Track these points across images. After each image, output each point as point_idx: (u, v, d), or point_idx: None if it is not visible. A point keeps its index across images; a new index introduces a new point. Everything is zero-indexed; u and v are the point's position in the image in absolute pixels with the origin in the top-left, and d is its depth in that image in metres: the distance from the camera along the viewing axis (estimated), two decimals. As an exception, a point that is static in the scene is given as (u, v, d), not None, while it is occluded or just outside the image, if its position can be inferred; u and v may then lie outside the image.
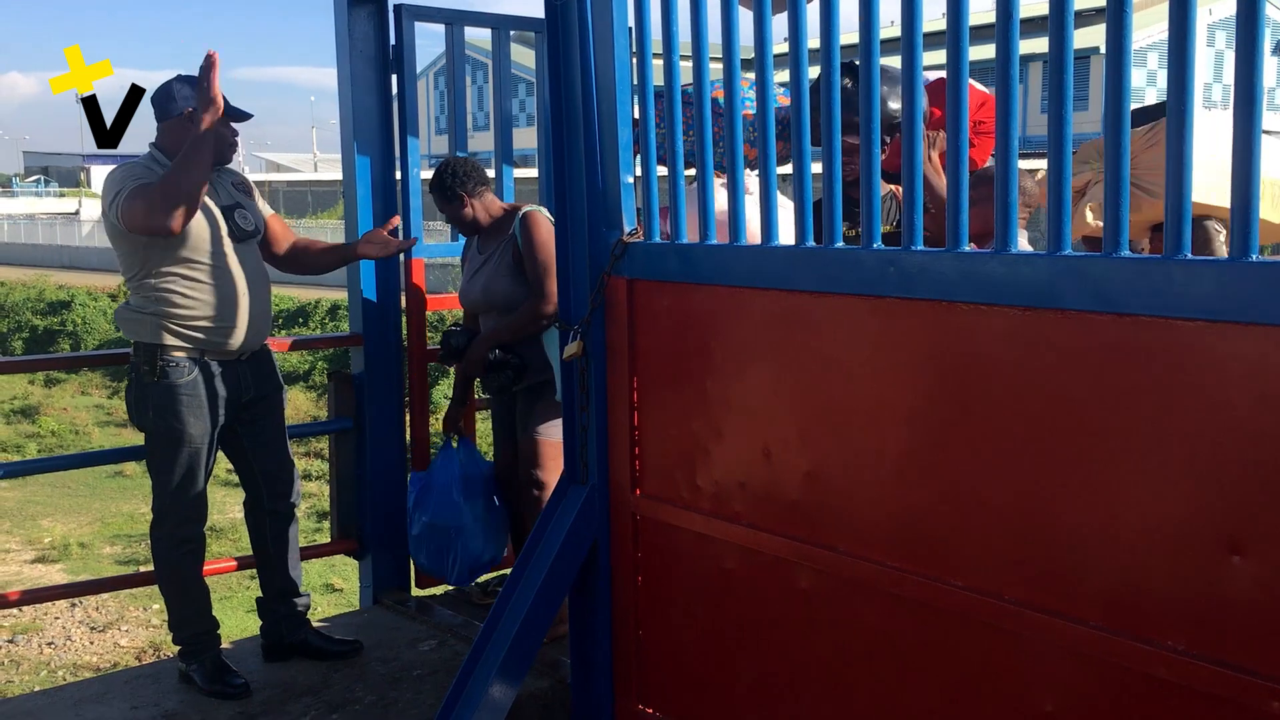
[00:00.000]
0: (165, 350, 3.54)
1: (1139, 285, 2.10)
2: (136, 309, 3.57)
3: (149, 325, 3.54)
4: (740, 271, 2.86)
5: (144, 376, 3.55)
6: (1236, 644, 2.04)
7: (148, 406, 3.58)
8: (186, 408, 3.57)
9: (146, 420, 3.60)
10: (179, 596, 3.73)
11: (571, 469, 3.32)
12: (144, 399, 3.58)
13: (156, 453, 3.62)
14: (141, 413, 3.61)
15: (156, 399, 3.56)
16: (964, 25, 2.33)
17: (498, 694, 3.14)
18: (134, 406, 3.63)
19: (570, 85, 3.16)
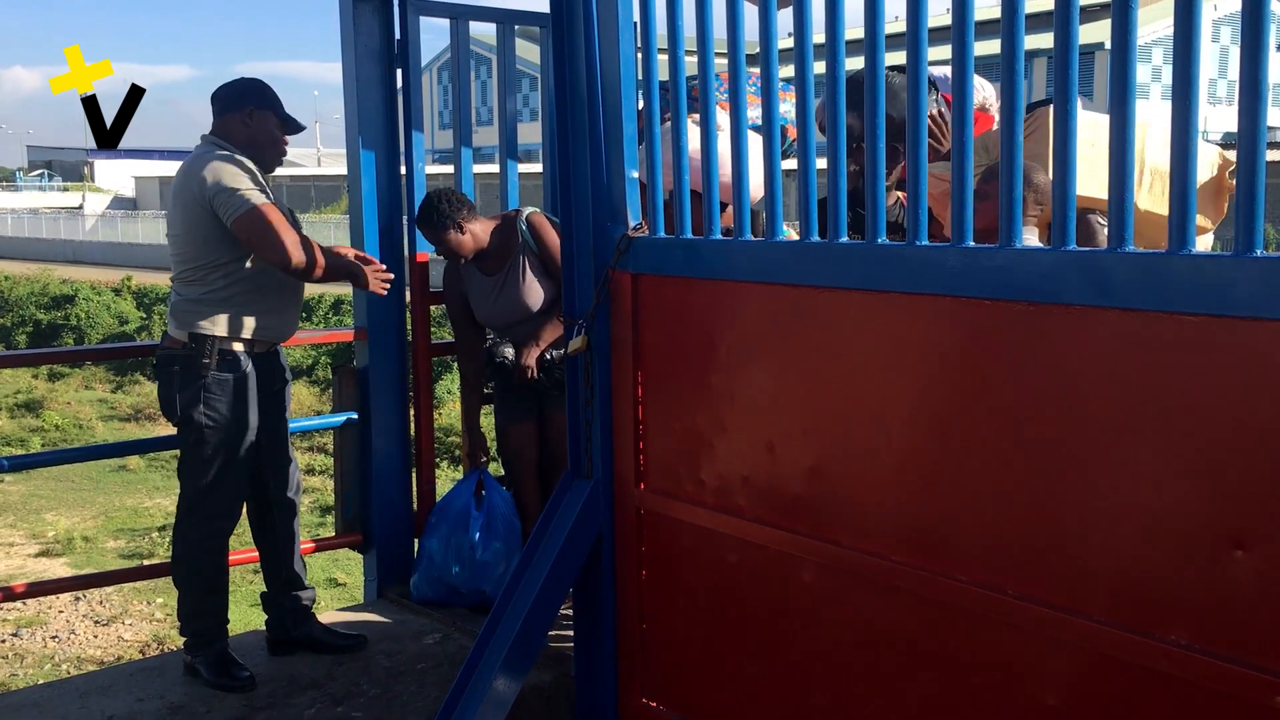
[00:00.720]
0: (224, 341, 3.56)
1: (1142, 280, 2.10)
2: (198, 300, 3.56)
3: (210, 316, 3.55)
4: (745, 266, 2.86)
5: (201, 369, 3.54)
6: (1239, 638, 2.05)
7: (198, 397, 3.55)
8: (240, 399, 3.59)
9: (197, 413, 3.55)
10: (200, 587, 3.71)
11: (576, 463, 3.33)
12: (194, 390, 3.55)
13: (200, 443, 3.59)
14: (189, 403, 3.56)
15: (210, 390, 3.55)
16: (969, 20, 2.34)
17: (502, 687, 3.15)
18: (180, 397, 3.57)
19: (575, 80, 3.16)
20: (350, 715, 3.47)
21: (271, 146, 3.64)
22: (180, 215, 3.56)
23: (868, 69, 2.52)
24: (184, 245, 3.58)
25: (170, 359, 3.60)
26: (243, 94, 3.62)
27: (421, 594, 4.21)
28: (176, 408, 3.60)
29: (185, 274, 3.59)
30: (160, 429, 23.01)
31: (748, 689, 3.01)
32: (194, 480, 3.64)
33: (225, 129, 3.63)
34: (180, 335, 3.58)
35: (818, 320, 2.71)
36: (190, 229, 3.54)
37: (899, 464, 2.57)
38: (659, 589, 3.23)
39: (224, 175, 3.48)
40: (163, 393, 3.65)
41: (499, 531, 4.13)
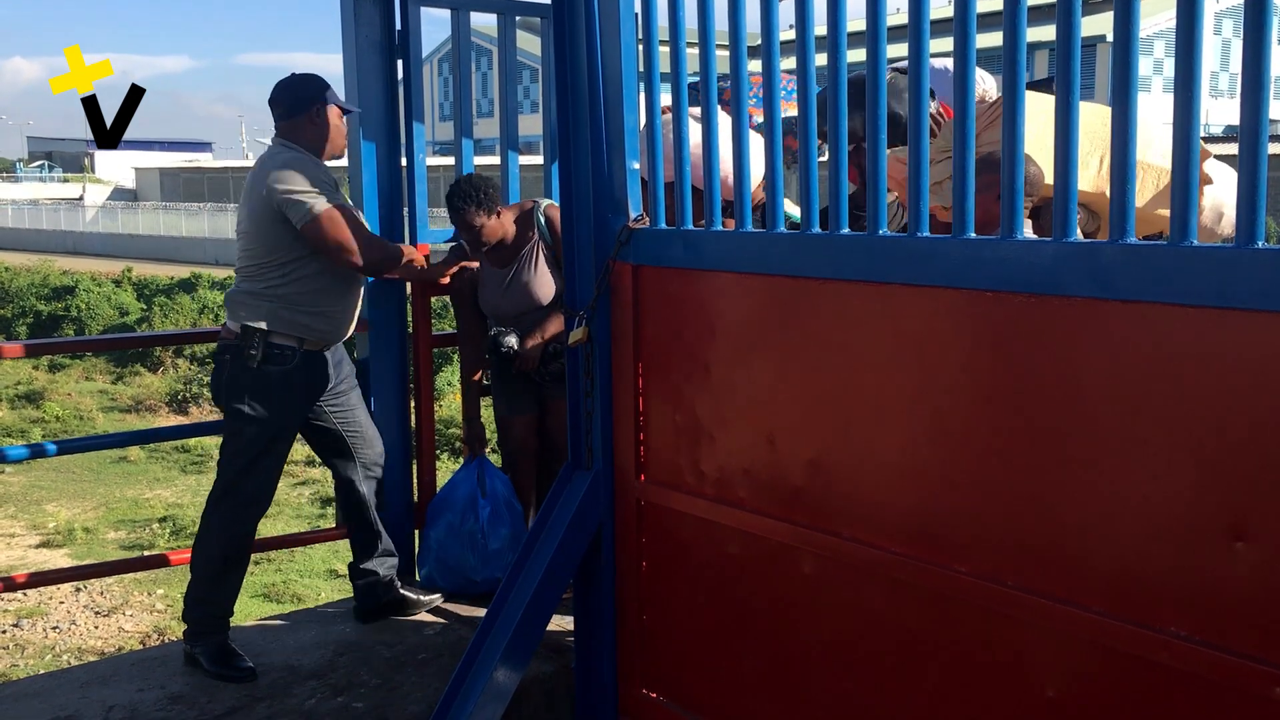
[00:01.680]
0: (274, 335, 3.63)
1: (1143, 272, 2.10)
2: (254, 294, 3.64)
3: (264, 311, 3.63)
4: (746, 257, 2.86)
5: (248, 360, 3.62)
6: (1239, 630, 2.05)
7: (244, 389, 3.63)
8: (285, 394, 3.67)
9: (241, 401, 3.63)
10: (216, 575, 3.74)
11: (576, 454, 3.33)
12: (242, 381, 3.64)
13: (243, 433, 3.66)
14: (235, 394, 3.65)
15: (258, 383, 3.63)
16: (971, 12, 2.33)
17: (502, 678, 3.16)
18: (228, 387, 3.67)
19: (576, 71, 3.16)
20: (351, 705, 3.48)
21: (339, 138, 3.77)
22: (248, 213, 3.67)
23: (869, 62, 2.51)
24: (249, 242, 3.69)
25: (223, 348, 3.70)
26: (306, 96, 3.70)
27: (434, 584, 4.24)
28: (223, 396, 3.71)
29: (247, 269, 3.70)
30: (161, 420, 23.08)
31: (747, 680, 3.02)
32: (230, 468, 3.71)
33: (294, 131, 3.71)
34: (234, 326, 3.67)
35: (819, 312, 2.71)
36: (257, 227, 3.65)
37: (899, 456, 2.57)
38: (659, 580, 3.24)
39: (294, 180, 3.58)
40: (213, 380, 3.77)
41: (505, 518, 4.16)
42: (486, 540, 4.13)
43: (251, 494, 3.72)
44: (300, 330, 3.67)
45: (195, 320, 29.20)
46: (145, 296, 32.05)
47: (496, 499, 4.16)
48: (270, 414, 3.65)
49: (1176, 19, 2.06)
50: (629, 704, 3.37)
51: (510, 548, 4.11)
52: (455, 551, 4.17)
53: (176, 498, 18.58)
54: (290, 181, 3.57)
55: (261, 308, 3.63)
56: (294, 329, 3.66)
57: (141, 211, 48.82)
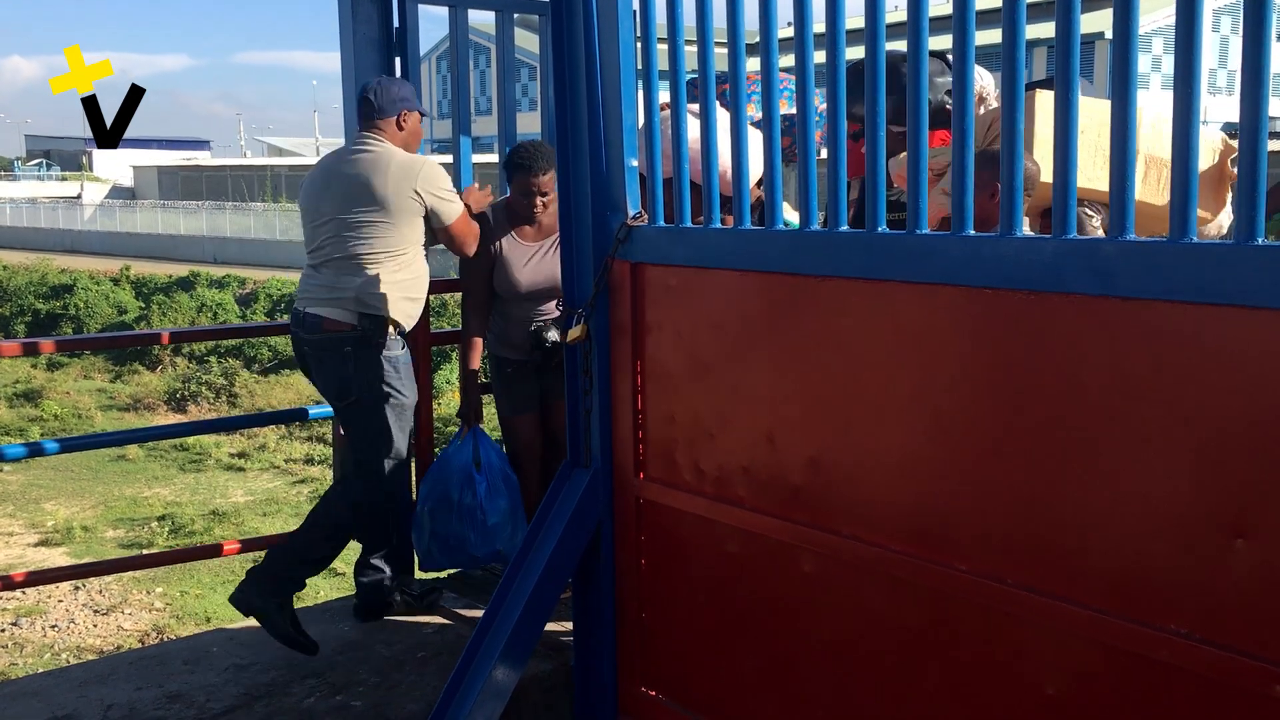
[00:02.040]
0: (392, 323, 3.80)
1: (1143, 269, 2.10)
2: (376, 283, 3.77)
3: (386, 299, 3.78)
4: (745, 255, 2.86)
5: (374, 349, 3.78)
6: (1239, 628, 2.05)
7: (376, 375, 3.79)
8: (408, 376, 3.90)
9: (372, 388, 3.79)
10: (331, 543, 3.88)
11: (575, 453, 3.33)
12: (371, 368, 3.78)
13: (383, 419, 3.82)
14: (368, 382, 3.79)
15: (387, 370, 3.81)
16: (970, 9, 2.33)
17: (501, 677, 3.16)
18: (356, 378, 3.78)
19: (574, 69, 3.15)
20: (349, 704, 3.48)
21: (416, 142, 3.94)
22: (374, 202, 3.74)
23: (868, 58, 2.51)
24: (366, 232, 3.75)
25: (340, 340, 3.78)
26: (400, 97, 3.87)
27: (433, 563, 4.16)
28: (352, 386, 3.80)
29: (364, 259, 3.76)
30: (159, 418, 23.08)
31: (747, 678, 3.01)
32: (368, 450, 3.85)
33: (385, 130, 3.85)
34: (347, 318, 3.76)
35: (818, 309, 2.70)
36: (391, 217, 3.75)
37: (899, 454, 2.57)
38: (658, 578, 3.24)
39: (442, 181, 3.82)
40: (333, 372, 3.81)
41: (502, 490, 4.11)
42: (485, 515, 4.09)
43: (402, 472, 3.93)
44: (405, 316, 3.86)
45: (194, 319, 29.19)
46: (143, 295, 32.04)
47: (493, 471, 4.11)
48: (404, 393, 3.86)
49: (1175, 16, 2.05)
50: (628, 702, 3.37)
51: (509, 520, 4.07)
52: (454, 527, 4.10)
53: (175, 496, 18.59)
54: (440, 182, 3.80)
55: (384, 296, 3.77)
56: (403, 315, 3.85)
57: (140, 210, 48.78)
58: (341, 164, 3.85)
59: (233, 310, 29.98)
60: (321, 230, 3.82)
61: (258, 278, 32.32)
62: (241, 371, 24.62)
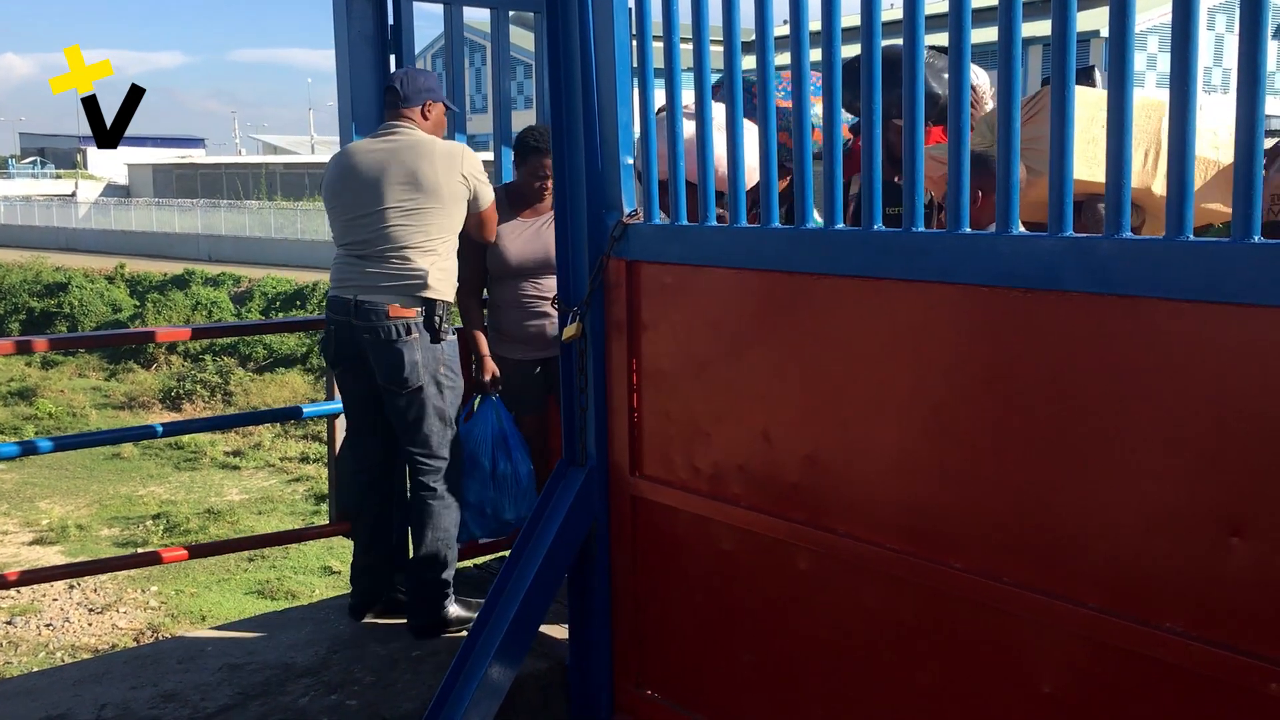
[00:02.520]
0: (447, 306, 3.86)
1: (1140, 267, 2.10)
2: (433, 269, 3.79)
3: (444, 286, 3.83)
4: (740, 253, 2.85)
5: (440, 334, 3.81)
6: (1236, 625, 2.05)
7: (441, 361, 3.82)
8: (456, 360, 3.91)
9: (440, 373, 3.81)
10: (454, 540, 3.92)
11: (570, 451, 3.33)
12: (435, 354, 3.81)
13: (445, 403, 3.84)
14: (432, 367, 3.81)
15: (449, 354, 3.85)
16: (966, 7, 2.33)
17: (496, 675, 3.15)
18: (423, 363, 3.78)
19: (569, 67, 3.15)
20: (345, 703, 3.47)
21: (441, 131, 3.98)
22: (425, 188, 3.76)
23: (864, 56, 2.51)
24: (415, 219, 3.77)
25: (405, 328, 3.77)
26: (424, 88, 3.89)
27: (465, 533, 4.17)
28: (420, 374, 3.79)
29: (420, 247, 3.77)
30: (154, 416, 23.05)
31: (742, 677, 3.01)
32: (441, 439, 3.86)
33: (412, 119, 3.88)
34: (408, 304, 3.76)
35: (814, 307, 2.70)
36: (443, 203, 3.79)
37: (895, 452, 2.57)
38: (654, 577, 3.23)
39: (480, 166, 3.86)
40: (402, 361, 3.77)
41: (524, 455, 4.14)
42: (520, 480, 4.12)
43: (456, 455, 3.91)
44: (454, 297, 3.94)
45: (189, 317, 29.15)
46: (138, 293, 31.99)
47: (515, 437, 4.15)
48: (459, 376, 3.89)
49: (1171, 14, 2.05)
50: (624, 701, 3.37)
51: (533, 484, 4.10)
52: (489, 494, 4.12)
53: (170, 494, 18.57)
54: (479, 167, 3.84)
55: (443, 281, 3.82)
56: (453, 296, 3.92)
57: (134, 208, 48.69)
58: (378, 153, 3.81)
59: (228, 308, 29.95)
60: (367, 220, 3.77)
61: (253, 276, 32.28)
62: (236, 370, 24.60)
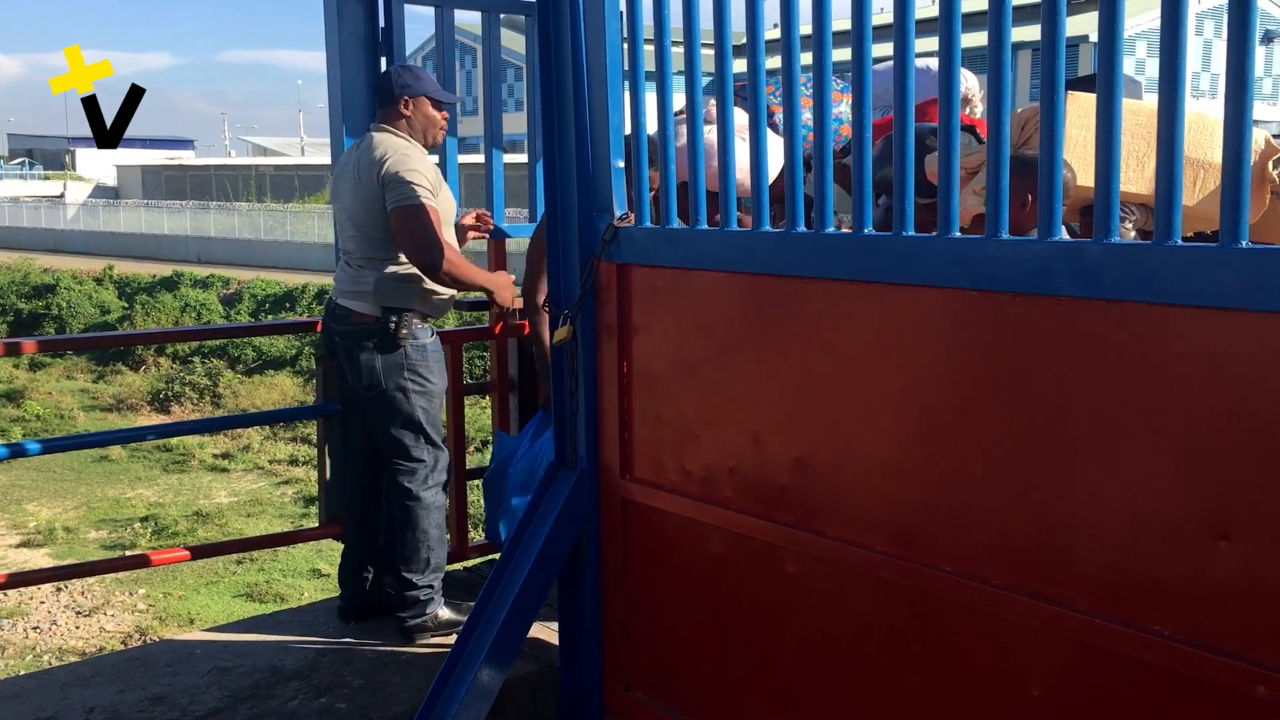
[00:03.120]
0: (413, 314, 3.81)
1: (1128, 271, 2.11)
2: (392, 275, 3.77)
3: (405, 291, 3.78)
4: (730, 256, 2.86)
5: (399, 340, 3.78)
6: (1223, 628, 2.06)
7: (402, 367, 3.80)
8: (437, 364, 3.88)
9: (402, 379, 3.80)
10: (439, 544, 3.90)
11: (560, 454, 3.33)
12: (396, 359, 3.79)
13: (412, 409, 3.82)
14: (393, 373, 3.80)
15: (413, 359, 3.81)
16: (956, 11, 2.34)
17: (486, 678, 3.15)
18: (385, 369, 3.79)
19: (561, 69, 3.15)
20: (334, 706, 3.47)
21: (431, 128, 3.89)
22: (362, 197, 3.77)
23: (855, 60, 2.51)
24: (372, 226, 3.77)
25: (364, 333, 3.80)
26: (399, 84, 3.83)
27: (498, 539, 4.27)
28: (380, 379, 3.81)
29: (378, 253, 3.78)
30: (143, 419, 22.99)
31: (732, 680, 3.01)
32: (411, 441, 3.85)
33: (389, 119, 3.85)
34: (371, 310, 3.79)
35: (804, 311, 2.71)
36: (371, 211, 3.75)
37: (884, 455, 2.57)
38: (644, 580, 3.23)
39: (402, 167, 3.70)
40: (357, 366, 3.83)
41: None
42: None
43: (435, 458, 3.89)
44: (428, 307, 3.86)
45: (177, 319, 29.07)
46: (127, 295, 31.90)
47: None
48: (432, 382, 3.85)
49: (1160, 20, 2.06)
50: (613, 703, 3.36)
51: None
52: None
53: (158, 497, 18.51)
54: (399, 166, 3.69)
55: (399, 288, 3.78)
56: (427, 306, 3.84)
57: (123, 209, 48.55)
58: (349, 159, 3.87)
59: (217, 310, 29.88)
60: (343, 226, 3.89)
61: (242, 278, 32.21)
62: (225, 372, 24.54)
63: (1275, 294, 1.93)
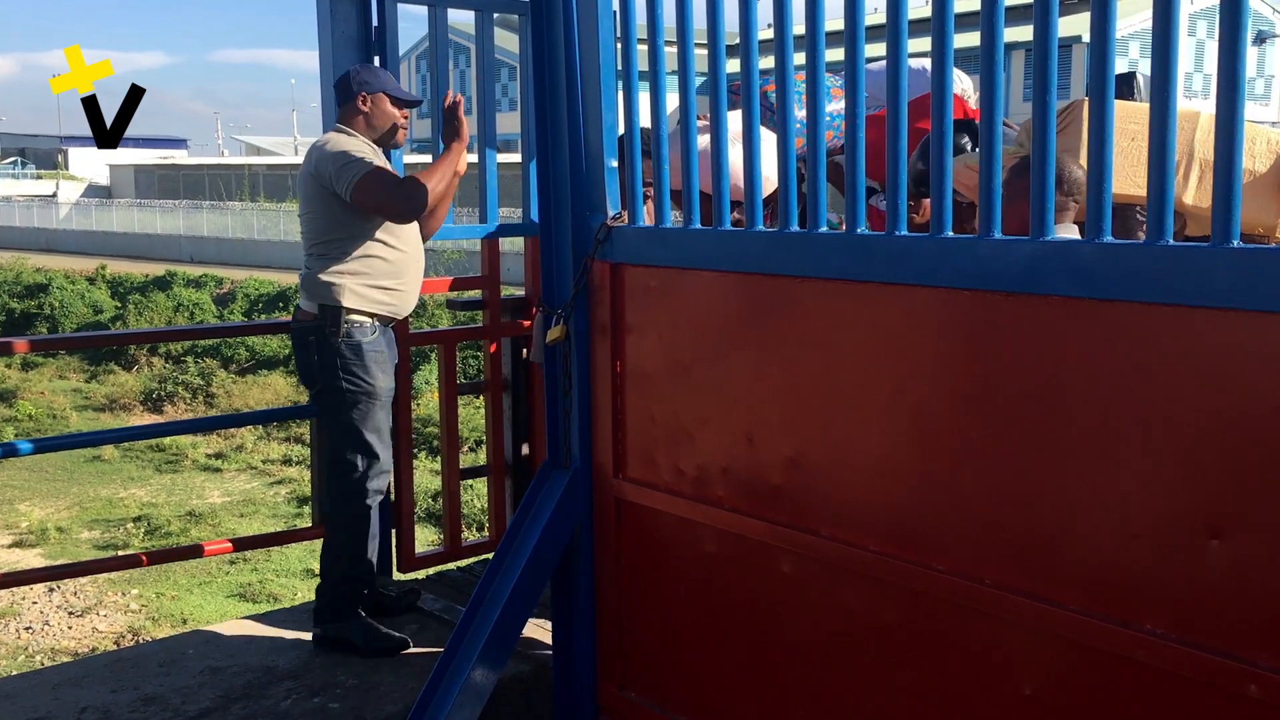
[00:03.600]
0: (353, 312, 3.73)
1: (1120, 271, 2.11)
2: (328, 272, 3.72)
3: (340, 289, 3.71)
4: (723, 256, 2.86)
5: (330, 337, 3.72)
6: (1215, 627, 2.06)
7: (336, 366, 3.74)
8: (376, 364, 3.79)
9: (336, 379, 3.74)
10: (358, 552, 3.85)
11: (554, 453, 3.32)
12: (332, 357, 3.74)
13: (347, 409, 3.77)
14: (329, 372, 3.75)
15: (347, 358, 3.74)
16: (949, 12, 2.34)
17: (479, 678, 3.15)
18: (318, 367, 3.76)
19: (554, 69, 3.15)
20: (327, 706, 3.46)
21: (391, 126, 3.85)
22: (305, 193, 3.77)
23: (847, 60, 2.51)
24: (312, 223, 3.76)
25: (304, 330, 3.78)
26: (355, 82, 3.80)
27: None
28: (316, 376, 3.78)
29: (314, 249, 3.76)
30: (135, 418, 22.94)
31: (726, 679, 3.01)
32: (345, 444, 3.80)
33: (346, 116, 3.83)
34: (310, 308, 3.76)
35: (797, 310, 2.71)
36: (314, 206, 3.73)
37: (878, 454, 2.57)
38: (637, 579, 3.23)
39: (337, 153, 3.66)
40: (300, 363, 3.85)
41: None
42: None
43: (374, 463, 3.82)
44: (375, 305, 3.76)
45: (170, 318, 29.02)
46: (120, 294, 31.83)
47: None
48: (368, 382, 3.77)
49: (1152, 20, 2.07)
50: (607, 703, 3.36)
51: None
52: None
53: (151, 497, 18.47)
54: (334, 155, 3.66)
55: (337, 285, 3.71)
56: (369, 304, 3.75)
57: (116, 209, 48.44)
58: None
59: (210, 310, 29.83)
60: (301, 223, 3.88)
61: (235, 277, 32.16)
62: (219, 372, 24.49)
63: (1267, 294, 1.93)
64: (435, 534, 11.97)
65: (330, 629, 3.83)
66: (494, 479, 4.80)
